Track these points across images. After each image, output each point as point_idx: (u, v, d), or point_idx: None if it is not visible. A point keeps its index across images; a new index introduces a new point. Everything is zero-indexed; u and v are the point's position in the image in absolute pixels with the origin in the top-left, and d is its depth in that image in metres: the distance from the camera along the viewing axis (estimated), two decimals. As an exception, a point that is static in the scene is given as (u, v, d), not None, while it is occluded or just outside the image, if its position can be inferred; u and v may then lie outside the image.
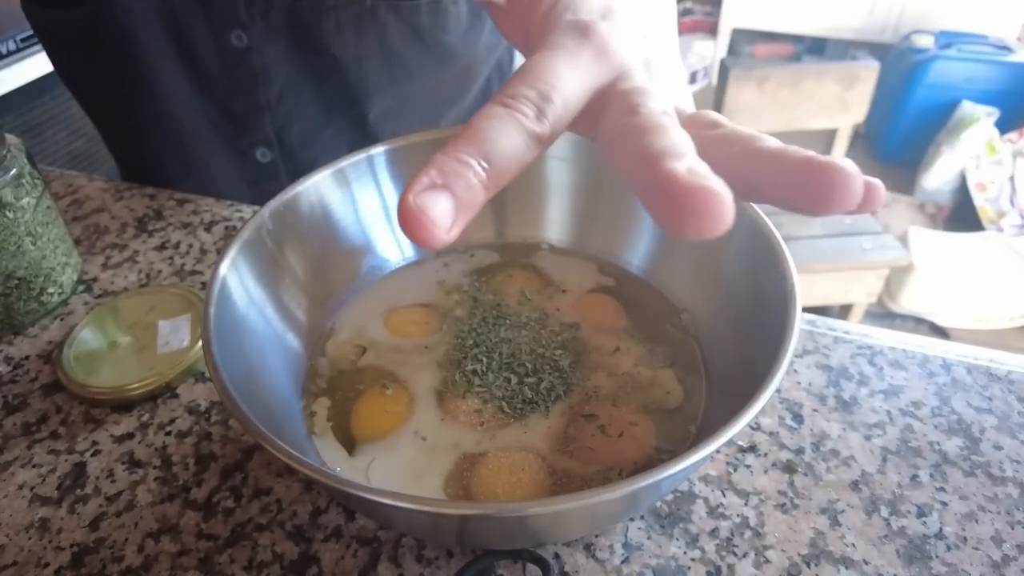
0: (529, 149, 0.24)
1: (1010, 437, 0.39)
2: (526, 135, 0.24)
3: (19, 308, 0.47)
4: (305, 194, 0.39)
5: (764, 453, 0.38)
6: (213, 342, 0.30)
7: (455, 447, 0.35)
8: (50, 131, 1.43)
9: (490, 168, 0.23)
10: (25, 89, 1.34)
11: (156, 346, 0.44)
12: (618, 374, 0.38)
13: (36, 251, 0.46)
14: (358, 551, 0.34)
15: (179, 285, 0.50)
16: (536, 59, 0.26)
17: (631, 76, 0.27)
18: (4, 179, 0.43)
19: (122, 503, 0.36)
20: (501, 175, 0.24)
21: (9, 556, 0.34)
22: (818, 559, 0.33)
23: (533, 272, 0.45)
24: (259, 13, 0.55)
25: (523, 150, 0.24)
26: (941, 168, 2.26)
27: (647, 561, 0.33)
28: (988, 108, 2.25)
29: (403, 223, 0.22)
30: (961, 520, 0.35)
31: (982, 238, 2.04)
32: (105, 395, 0.41)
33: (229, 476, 0.37)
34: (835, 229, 1.56)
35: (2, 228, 0.44)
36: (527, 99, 0.25)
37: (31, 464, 0.39)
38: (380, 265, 0.45)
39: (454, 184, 0.22)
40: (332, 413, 0.37)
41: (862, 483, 0.37)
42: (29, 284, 0.47)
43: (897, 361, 0.44)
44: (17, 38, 1.30)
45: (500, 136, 0.24)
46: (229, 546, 0.34)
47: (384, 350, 0.40)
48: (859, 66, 1.53)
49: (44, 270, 0.47)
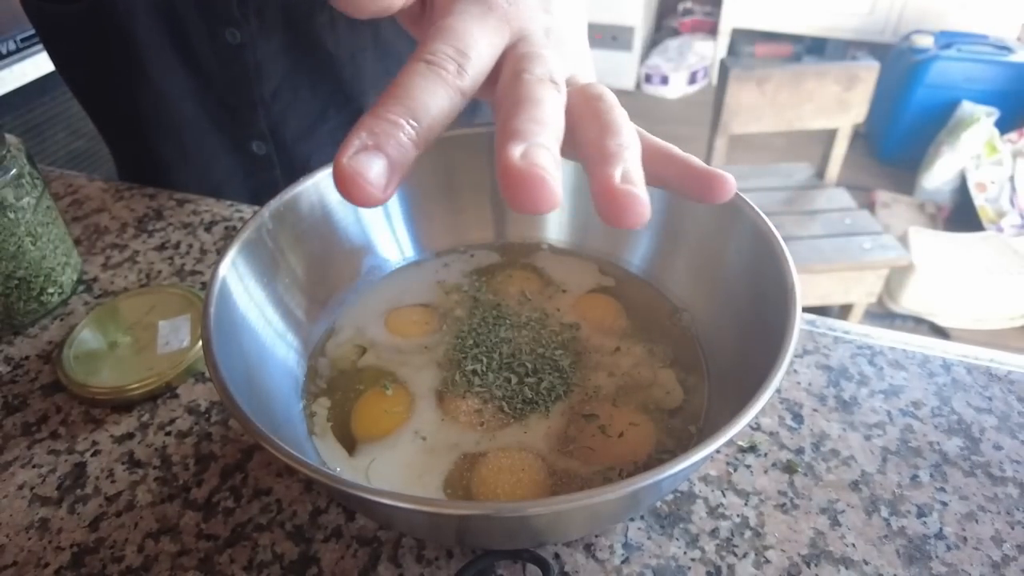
0: (453, 104, 0.26)
1: (1010, 437, 0.39)
2: (450, 90, 0.25)
3: (19, 308, 0.47)
4: (305, 194, 0.39)
5: (764, 453, 0.38)
6: (213, 342, 0.30)
7: (455, 447, 0.35)
8: (50, 131, 1.43)
9: (419, 126, 0.24)
10: (25, 89, 1.34)
11: (156, 346, 0.44)
12: (618, 374, 0.38)
13: (36, 251, 0.46)
14: (358, 551, 0.34)
15: (179, 285, 0.50)
16: (448, 22, 0.28)
17: (529, 40, 0.29)
18: (4, 179, 0.43)
19: (122, 503, 0.36)
20: (430, 131, 0.25)
21: (9, 556, 0.34)
22: (818, 559, 0.33)
23: (533, 272, 0.45)
24: (253, 11, 0.55)
25: (448, 105, 0.25)
26: (941, 168, 2.26)
27: (647, 561, 0.33)
28: (988, 108, 2.25)
29: (339, 185, 0.23)
30: (961, 520, 0.35)
31: (982, 238, 2.04)
32: (105, 395, 0.41)
33: (229, 476, 0.37)
34: (835, 229, 1.56)
35: (2, 228, 0.44)
36: (447, 55, 0.26)
37: (31, 464, 0.39)
38: (380, 265, 0.45)
39: (386, 145, 0.23)
40: (332, 413, 0.37)
41: (862, 483, 0.37)
42: (29, 284, 0.47)
43: (897, 361, 0.44)
44: (17, 38, 1.30)
45: (426, 94, 0.25)
46: (229, 546, 0.34)
47: (384, 350, 0.40)
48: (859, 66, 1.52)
49: (44, 270, 0.47)
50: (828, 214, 1.61)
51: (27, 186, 0.45)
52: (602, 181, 0.24)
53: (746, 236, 0.35)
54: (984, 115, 2.23)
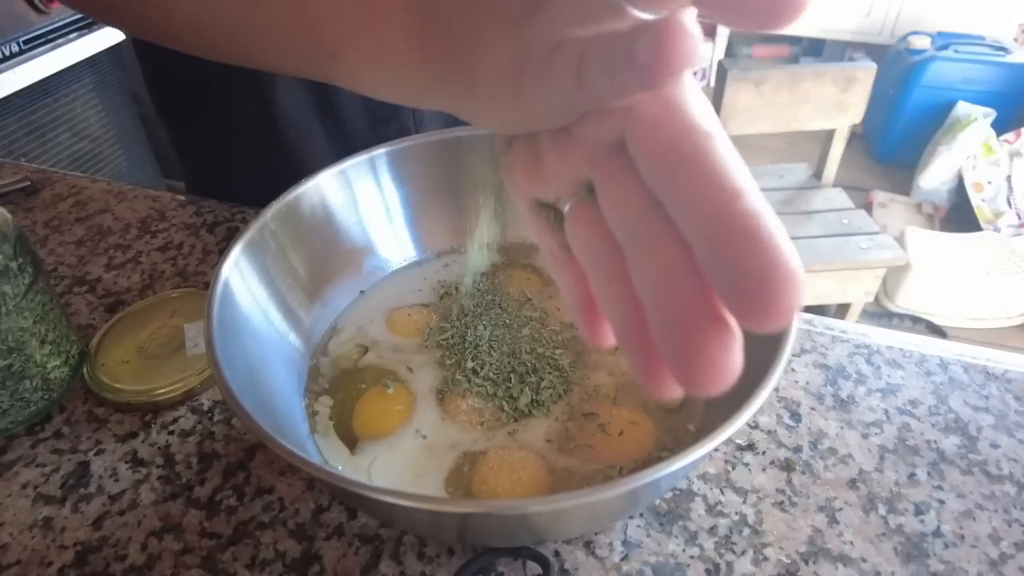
0: None
1: (1007, 435, 0.39)
2: None
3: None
4: (307, 195, 0.40)
5: (762, 451, 0.38)
6: (216, 342, 0.30)
7: (456, 446, 0.35)
8: (53, 133, 1.43)
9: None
10: (28, 91, 1.34)
11: (185, 349, 0.44)
12: (618, 373, 0.38)
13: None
14: (360, 549, 0.34)
15: (198, 288, 0.50)
16: None
17: None
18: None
19: (125, 502, 0.37)
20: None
21: (13, 555, 0.34)
22: (816, 557, 0.33)
23: (533, 272, 0.45)
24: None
25: None
26: (938, 168, 2.27)
27: (646, 558, 0.33)
28: (985, 109, 2.25)
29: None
30: (959, 518, 0.35)
31: (979, 238, 2.05)
32: (140, 399, 0.41)
33: (232, 475, 0.38)
34: (832, 229, 1.56)
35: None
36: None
37: (35, 463, 0.39)
38: (381, 265, 0.45)
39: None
40: (334, 412, 0.37)
41: (860, 481, 0.37)
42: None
43: (894, 360, 0.44)
44: (20, 40, 1.30)
45: None
46: (232, 544, 0.34)
47: (385, 350, 0.40)
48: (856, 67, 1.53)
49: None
50: (825, 214, 1.61)
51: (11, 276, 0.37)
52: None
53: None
54: (981, 116, 2.23)
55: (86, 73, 1.49)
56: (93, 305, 0.50)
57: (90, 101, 1.52)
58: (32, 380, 0.40)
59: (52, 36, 1.38)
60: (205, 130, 0.61)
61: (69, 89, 1.45)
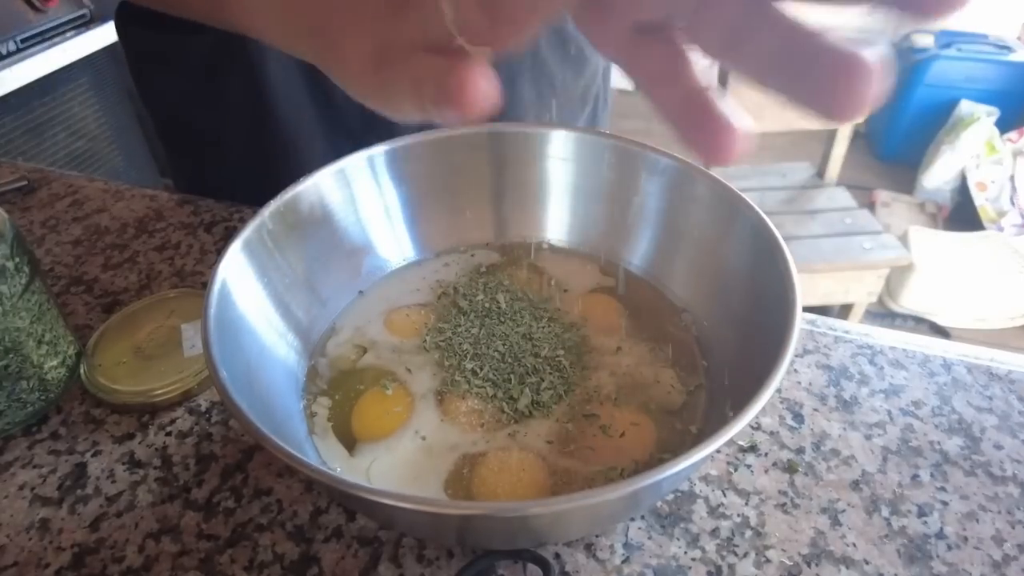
0: None
1: (1011, 436, 0.39)
2: None
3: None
4: (305, 194, 0.39)
5: (765, 453, 0.38)
6: (213, 342, 0.30)
7: (455, 447, 0.35)
8: (50, 132, 1.43)
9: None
10: (25, 90, 1.34)
11: (182, 349, 0.44)
12: (619, 374, 0.38)
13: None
14: (359, 551, 0.34)
15: (195, 288, 0.50)
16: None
17: None
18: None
19: (123, 503, 0.36)
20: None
21: (10, 556, 0.34)
22: (819, 559, 0.33)
23: (533, 272, 0.45)
24: None
25: None
26: (941, 167, 2.26)
27: (648, 561, 0.33)
28: (988, 107, 2.25)
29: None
30: (962, 520, 0.35)
31: (982, 237, 2.04)
32: (136, 400, 0.41)
33: (230, 476, 0.37)
34: (835, 228, 1.56)
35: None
36: None
37: (32, 464, 0.39)
38: (380, 265, 0.45)
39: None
40: (332, 413, 0.37)
41: (863, 483, 0.36)
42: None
43: (897, 361, 0.44)
44: (17, 39, 1.31)
45: None
46: (230, 546, 0.34)
47: (384, 350, 0.40)
48: (859, 66, 1.52)
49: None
50: (828, 214, 1.61)
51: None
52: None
53: (746, 236, 0.35)
54: (984, 114, 2.22)
55: (83, 72, 1.48)
56: (90, 305, 0.50)
57: (87, 100, 1.52)
58: (29, 381, 0.40)
59: (49, 35, 1.38)
60: (193, 109, 0.61)
61: (66, 88, 1.45)
